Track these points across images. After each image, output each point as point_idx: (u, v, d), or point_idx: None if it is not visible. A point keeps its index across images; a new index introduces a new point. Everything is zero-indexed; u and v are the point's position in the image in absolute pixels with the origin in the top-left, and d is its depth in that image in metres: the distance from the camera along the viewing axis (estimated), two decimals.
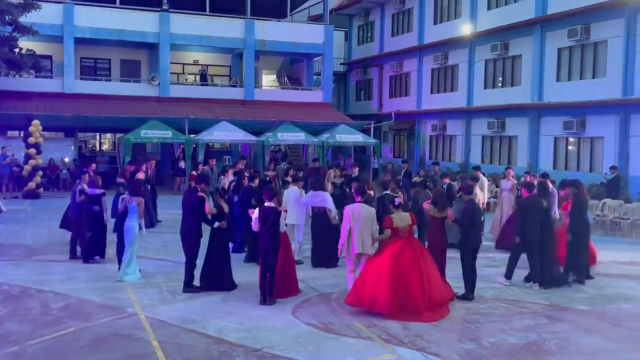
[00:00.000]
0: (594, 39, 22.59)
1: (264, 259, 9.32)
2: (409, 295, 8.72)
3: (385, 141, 36.13)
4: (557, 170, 23.36)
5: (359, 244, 9.10)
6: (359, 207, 9.27)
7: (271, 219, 9.28)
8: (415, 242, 9.34)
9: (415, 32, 33.21)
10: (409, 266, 8.87)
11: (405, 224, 9.16)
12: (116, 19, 28.22)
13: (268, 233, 9.26)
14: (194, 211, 9.75)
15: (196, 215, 9.76)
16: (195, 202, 9.77)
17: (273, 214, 9.34)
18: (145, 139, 25.09)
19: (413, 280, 8.80)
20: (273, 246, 9.26)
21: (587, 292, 10.37)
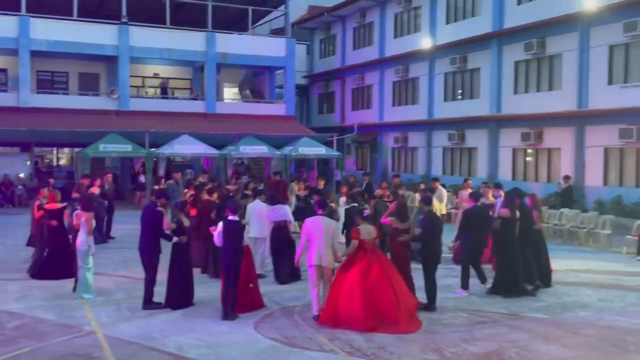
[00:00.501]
0: (550, 52, 23.18)
1: (226, 273, 9.22)
2: (383, 307, 8.74)
3: (348, 154, 36.31)
4: (516, 181, 23.80)
5: (316, 256, 8.98)
6: (318, 220, 9.18)
7: (235, 233, 9.19)
8: (380, 254, 9.38)
9: (376, 45, 33.58)
10: (379, 278, 8.89)
11: (371, 237, 9.21)
12: (74, 31, 27.77)
13: (232, 247, 9.16)
14: (152, 226, 9.59)
15: (154, 231, 9.60)
16: (153, 217, 9.61)
17: (237, 227, 9.25)
18: (104, 153, 24.67)
19: (385, 292, 8.83)
20: (236, 260, 9.17)
21: (546, 301, 10.53)
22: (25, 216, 21.11)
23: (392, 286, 8.90)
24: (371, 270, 8.92)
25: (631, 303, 10.44)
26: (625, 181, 20.74)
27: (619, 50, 20.82)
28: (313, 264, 9.01)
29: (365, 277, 8.85)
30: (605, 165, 21.36)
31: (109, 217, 16.85)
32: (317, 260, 8.98)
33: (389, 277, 8.98)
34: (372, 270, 8.91)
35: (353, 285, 8.82)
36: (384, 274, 8.94)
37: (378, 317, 8.69)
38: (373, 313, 8.68)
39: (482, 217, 10.93)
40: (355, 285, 8.80)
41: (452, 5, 28.31)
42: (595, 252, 15.80)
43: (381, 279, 8.89)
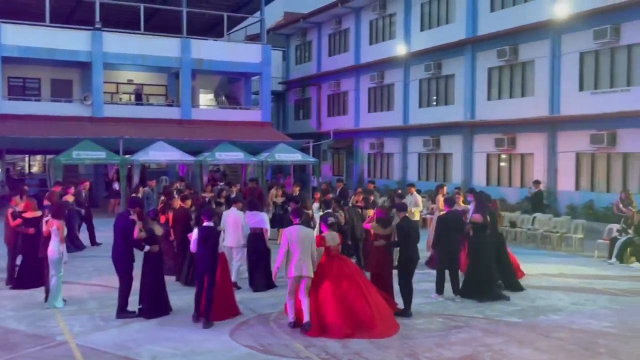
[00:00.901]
0: (522, 59, 23.53)
1: (200, 279, 9.21)
2: (357, 313, 8.77)
3: (325, 160, 36.38)
4: (490, 186, 24.07)
5: (298, 268, 8.79)
6: (297, 230, 9.04)
7: (211, 239, 9.17)
8: (347, 261, 9.44)
9: (352, 52, 33.74)
10: (350, 285, 8.93)
11: (336, 243, 9.25)
12: (46, 37, 27.42)
13: (207, 253, 9.13)
14: (124, 235, 9.51)
15: (126, 240, 9.51)
16: (125, 226, 9.53)
17: (213, 233, 9.22)
18: (78, 160, 24.34)
19: (357, 298, 8.86)
20: (211, 267, 9.15)
21: (520, 305, 10.65)
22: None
23: (363, 291, 8.94)
24: (342, 277, 8.96)
25: (602, 306, 10.60)
26: (597, 186, 21.09)
27: (589, 57, 21.21)
28: (293, 275, 8.82)
29: (337, 285, 8.88)
30: (577, 170, 21.71)
31: (89, 224, 16.65)
32: (298, 272, 8.80)
33: (359, 283, 9.03)
34: (343, 278, 8.95)
35: (326, 294, 8.82)
36: (354, 280, 9.00)
37: (354, 323, 8.70)
38: (348, 320, 8.69)
39: (456, 222, 11.03)
40: (329, 293, 8.82)
41: (426, 12, 28.59)
42: (568, 256, 16.02)
43: (353, 285, 8.94)
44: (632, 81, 19.84)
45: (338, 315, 8.68)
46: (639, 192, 19.10)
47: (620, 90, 20.04)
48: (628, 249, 14.75)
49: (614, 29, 19.85)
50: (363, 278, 9.25)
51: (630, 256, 14.70)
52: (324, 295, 8.84)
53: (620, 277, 13.17)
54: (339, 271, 9.01)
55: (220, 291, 9.51)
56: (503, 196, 23.58)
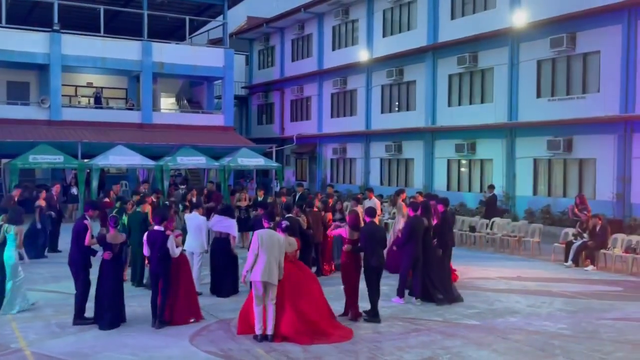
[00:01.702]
0: (481, 66, 23.94)
1: (154, 282, 9.22)
2: (312, 317, 8.78)
3: (288, 164, 36.36)
4: (450, 191, 24.40)
5: (265, 273, 8.54)
6: (269, 234, 8.83)
7: (158, 243, 9.15)
8: (302, 266, 9.47)
9: (315, 57, 33.84)
10: (303, 290, 8.96)
11: (293, 249, 9.26)
12: (2, 38, 26.74)
13: (155, 256, 9.16)
14: (77, 240, 9.36)
15: (80, 244, 9.35)
16: (78, 231, 9.39)
17: (160, 237, 9.20)
18: (34, 165, 23.78)
19: (311, 303, 8.90)
20: (163, 270, 9.16)
21: (478, 307, 10.82)
22: None
23: (315, 297, 9.04)
24: (298, 281, 8.99)
25: (558, 308, 10.84)
26: (554, 191, 21.57)
27: (546, 64, 21.72)
28: (259, 279, 8.56)
29: (291, 287, 8.87)
30: (535, 175, 22.17)
31: (54, 229, 16.30)
32: (266, 277, 8.55)
33: (312, 289, 9.13)
34: (298, 281, 8.99)
35: (284, 300, 8.78)
36: (307, 286, 9.07)
37: (309, 330, 8.69)
38: (304, 328, 8.68)
39: (420, 227, 11.12)
40: (286, 300, 8.78)
41: (388, 18, 28.87)
42: (526, 259, 16.33)
43: (305, 290, 8.99)
44: (587, 89, 20.37)
45: (294, 324, 8.65)
46: (593, 197, 19.60)
47: (577, 98, 20.56)
48: (583, 253, 15.13)
49: (570, 38, 20.37)
50: (317, 284, 9.31)
51: (585, 259, 15.08)
52: (281, 301, 8.78)
53: (575, 280, 13.49)
54: (296, 277, 9.01)
55: (181, 293, 9.47)
56: (463, 201, 23.94)
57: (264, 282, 8.56)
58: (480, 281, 13.20)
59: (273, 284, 8.62)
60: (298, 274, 9.15)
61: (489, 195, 20.24)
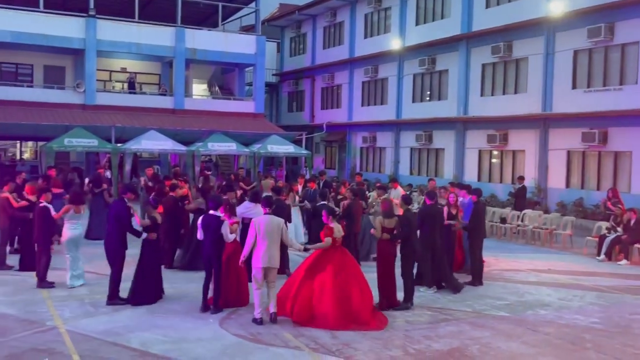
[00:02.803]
0: (516, 55, 23.59)
1: (207, 266, 9.28)
2: (354, 306, 8.86)
3: (317, 152, 36.40)
4: (481, 182, 24.17)
5: (266, 258, 8.72)
6: (266, 220, 8.95)
7: (212, 227, 9.19)
8: (347, 253, 9.48)
9: (347, 45, 33.71)
10: (349, 278, 9.03)
11: (341, 235, 9.35)
12: (40, 23, 27.24)
13: (208, 240, 9.19)
14: (118, 222, 9.51)
15: (122, 227, 9.52)
16: (119, 213, 9.53)
17: (214, 222, 9.23)
18: (69, 148, 24.22)
19: (355, 291, 8.97)
20: (215, 254, 9.19)
21: (508, 299, 10.75)
22: None
23: (360, 286, 9.07)
24: (343, 269, 9.05)
25: (590, 302, 10.71)
26: (587, 184, 21.23)
27: (582, 55, 21.30)
28: (261, 266, 8.74)
29: (337, 276, 8.94)
30: (568, 167, 21.83)
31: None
32: (267, 263, 8.72)
33: (358, 277, 9.17)
34: (344, 270, 9.05)
35: (325, 284, 8.87)
36: (353, 274, 9.12)
37: (349, 316, 8.76)
38: (344, 312, 8.75)
39: (436, 215, 11.09)
40: (328, 284, 8.87)
41: (421, 7, 28.59)
42: (557, 252, 16.14)
43: (351, 278, 9.04)
44: (624, 80, 19.94)
45: (334, 307, 8.73)
46: (628, 191, 19.24)
47: (613, 89, 20.15)
48: (617, 247, 14.90)
49: (608, 28, 19.93)
50: (360, 271, 9.38)
51: (619, 253, 14.85)
52: (322, 285, 8.88)
53: (608, 274, 13.29)
54: (341, 263, 9.09)
55: (233, 280, 9.55)
56: (494, 192, 23.72)
57: (265, 267, 8.72)
58: (509, 273, 13.10)
59: (273, 268, 8.83)
60: (344, 259, 9.19)
61: (519, 186, 20.00)
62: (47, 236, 10.75)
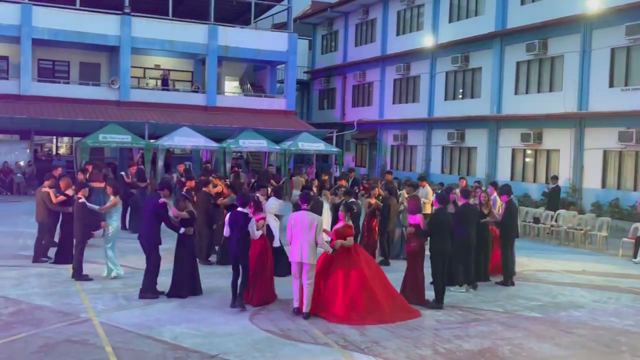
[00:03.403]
0: (551, 53, 23.19)
1: (234, 264, 9.33)
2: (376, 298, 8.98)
3: (348, 150, 36.34)
4: (514, 181, 23.84)
5: (298, 253, 8.89)
6: (301, 215, 9.10)
7: (239, 224, 9.22)
8: (361, 249, 9.72)
9: (379, 42, 33.57)
10: (369, 273, 9.13)
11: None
12: (76, 20, 27.74)
13: (236, 237, 9.22)
14: (155, 217, 9.64)
15: (158, 222, 9.64)
16: (155, 208, 9.65)
17: (242, 218, 9.26)
18: (104, 143, 24.65)
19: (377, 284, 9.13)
20: (242, 251, 9.21)
21: (541, 300, 10.58)
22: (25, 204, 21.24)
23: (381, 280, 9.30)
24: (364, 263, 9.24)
25: (625, 305, 10.49)
26: (623, 184, 20.78)
27: (620, 53, 20.83)
28: (295, 260, 8.96)
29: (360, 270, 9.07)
30: (604, 167, 21.39)
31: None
32: (299, 257, 8.89)
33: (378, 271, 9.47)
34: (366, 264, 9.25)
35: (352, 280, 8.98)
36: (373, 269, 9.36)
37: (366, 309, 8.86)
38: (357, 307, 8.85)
39: (472, 214, 11.07)
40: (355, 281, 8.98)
41: (455, 4, 28.31)
42: (592, 254, 15.85)
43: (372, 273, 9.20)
44: None
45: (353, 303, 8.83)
46: None
47: None
48: None
49: None
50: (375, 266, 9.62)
51: None
52: (346, 281, 8.96)
53: None
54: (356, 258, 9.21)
55: (262, 276, 9.59)
56: (527, 192, 23.38)
57: (298, 262, 8.89)
58: (543, 273, 12.91)
59: (308, 264, 8.87)
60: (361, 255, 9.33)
61: (553, 186, 19.68)
62: (84, 230, 10.94)
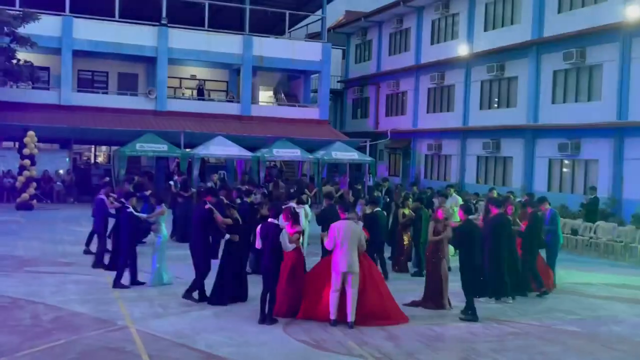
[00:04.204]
0: (590, 62, 22.78)
1: (265, 275, 9.16)
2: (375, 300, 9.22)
3: (381, 159, 36.21)
4: (551, 192, 23.43)
5: (346, 263, 8.84)
6: (345, 225, 9.09)
7: (270, 236, 9.11)
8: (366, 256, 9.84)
9: (413, 51, 33.45)
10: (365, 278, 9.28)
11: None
12: (115, 32, 28.32)
13: (267, 249, 9.10)
14: (202, 225, 9.74)
15: (206, 229, 9.75)
16: (202, 216, 9.76)
17: (273, 230, 9.15)
18: (141, 152, 25.07)
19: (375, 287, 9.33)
20: (274, 263, 9.06)
21: (580, 314, 10.36)
22: (64, 211, 21.72)
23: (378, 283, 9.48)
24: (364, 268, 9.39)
25: None
26: None
27: None
28: (341, 270, 8.86)
29: None
30: None
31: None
32: (347, 267, 8.84)
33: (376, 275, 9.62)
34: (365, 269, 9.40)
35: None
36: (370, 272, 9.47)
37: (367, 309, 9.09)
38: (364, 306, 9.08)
39: (506, 225, 11.01)
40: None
41: (490, 12, 28.06)
42: (632, 266, 15.47)
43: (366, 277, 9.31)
44: None
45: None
46: None
47: None
48: None
49: None
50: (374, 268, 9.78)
51: None
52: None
53: None
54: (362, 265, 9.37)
55: (291, 287, 9.47)
56: (564, 203, 22.93)
57: (344, 272, 8.87)
58: (582, 287, 12.64)
59: (354, 273, 8.93)
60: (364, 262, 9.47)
61: (591, 197, 19.27)
62: (131, 239, 11.13)
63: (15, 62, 23.70)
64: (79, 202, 25.44)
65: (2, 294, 10.16)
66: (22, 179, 22.37)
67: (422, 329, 9.06)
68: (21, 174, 22.42)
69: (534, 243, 11.62)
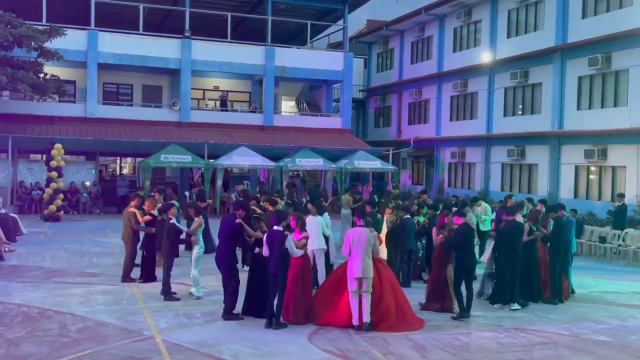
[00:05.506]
0: (615, 67, 22.49)
1: (272, 282, 9.25)
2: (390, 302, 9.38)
3: (404, 168, 36.07)
4: (578, 199, 23.12)
5: (360, 269, 9.13)
6: (359, 231, 9.36)
7: (276, 243, 9.18)
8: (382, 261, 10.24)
9: (435, 59, 33.34)
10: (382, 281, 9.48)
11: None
12: (139, 45, 28.69)
13: (274, 256, 9.18)
14: (231, 237, 9.77)
15: (233, 242, 9.78)
16: (231, 228, 9.79)
17: (278, 237, 9.23)
18: (165, 163, 25.31)
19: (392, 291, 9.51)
20: (280, 270, 9.15)
21: (609, 323, 10.17)
22: (91, 223, 21.99)
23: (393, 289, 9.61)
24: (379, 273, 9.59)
25: None
26: None
27: None
28: (355, 276, 9.16)
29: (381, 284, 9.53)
30: None
31: None
32: (362, 273, 9.14)
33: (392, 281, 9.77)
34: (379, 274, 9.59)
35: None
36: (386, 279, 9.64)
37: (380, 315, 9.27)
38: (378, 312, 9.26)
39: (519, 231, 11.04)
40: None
41: (513, 19, 27.87)
42: None
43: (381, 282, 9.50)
44: None
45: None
46: None
47: None
48: None
49: None
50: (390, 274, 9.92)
51: None
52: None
53: None
54: None
55: (299, 294, 9.59)
56: (591, 210, 22.60)
57: (358, 278, 9.13)
58: (611, 295, 12.41)
59: (368, 278, 9.19)
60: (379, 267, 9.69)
61: (619, 204, 18.94)
62: (172, 250, 11.23)
63: (43, 77, 24.16)
64: (105, 214, 25.76)
65: (30, 304, 10.30)
66: (49, 191, 22.72)
67: (448, 338, 8.97)
68: (48, 185, 22.78)
69: (560, 247, 11.66)
